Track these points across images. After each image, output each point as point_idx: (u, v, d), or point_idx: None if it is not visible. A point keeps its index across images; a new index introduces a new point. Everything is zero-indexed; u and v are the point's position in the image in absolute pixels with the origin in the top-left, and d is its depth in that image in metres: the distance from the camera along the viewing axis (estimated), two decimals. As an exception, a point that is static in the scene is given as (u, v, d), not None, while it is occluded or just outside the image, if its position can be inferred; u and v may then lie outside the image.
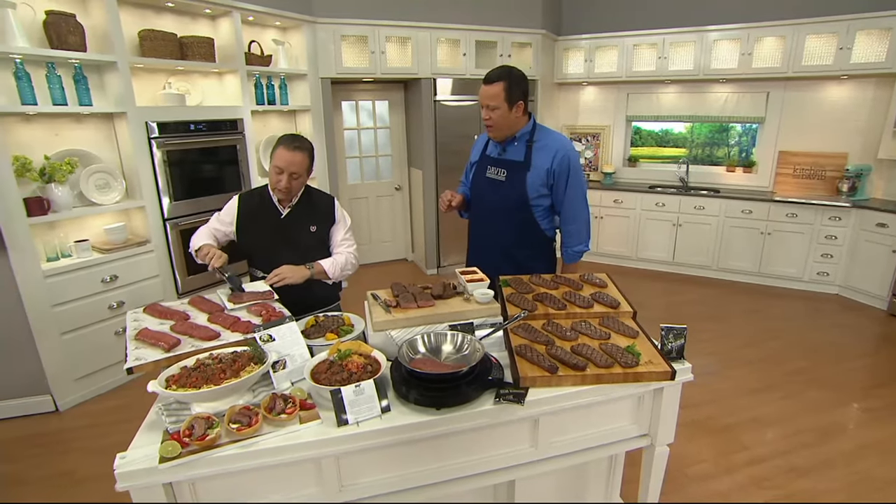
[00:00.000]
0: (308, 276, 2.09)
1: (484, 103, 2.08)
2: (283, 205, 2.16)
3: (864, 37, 4.34)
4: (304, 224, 2.19)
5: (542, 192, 2.20)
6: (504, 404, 1.43)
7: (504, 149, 2.23)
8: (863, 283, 4.51)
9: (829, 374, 3.39)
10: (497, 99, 2.05)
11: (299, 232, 2.18)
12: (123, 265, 3.18)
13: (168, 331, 1.68)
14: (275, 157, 2.04)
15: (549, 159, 2.16)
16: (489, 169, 2.26)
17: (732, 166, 5.45)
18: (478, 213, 2.34)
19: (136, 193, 3.29)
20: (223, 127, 3.71)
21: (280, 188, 2.07)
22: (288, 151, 2.02)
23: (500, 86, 2.05)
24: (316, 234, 2.21)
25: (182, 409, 1.39)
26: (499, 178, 2.22)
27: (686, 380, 1.66)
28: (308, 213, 2.20)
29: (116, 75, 3.05)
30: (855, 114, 4.73)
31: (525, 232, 2.26)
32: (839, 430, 2.81)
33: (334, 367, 1.48)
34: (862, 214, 4.45)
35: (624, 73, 5.34)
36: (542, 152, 2.17)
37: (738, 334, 3.98)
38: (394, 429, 1.35)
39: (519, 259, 2.28)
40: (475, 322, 1.77)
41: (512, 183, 2.19)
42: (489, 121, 2.12)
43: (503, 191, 2.21)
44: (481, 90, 2.09)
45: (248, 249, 2.23)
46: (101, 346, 3.11)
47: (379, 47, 4.51)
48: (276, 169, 2.04)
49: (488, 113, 2.09)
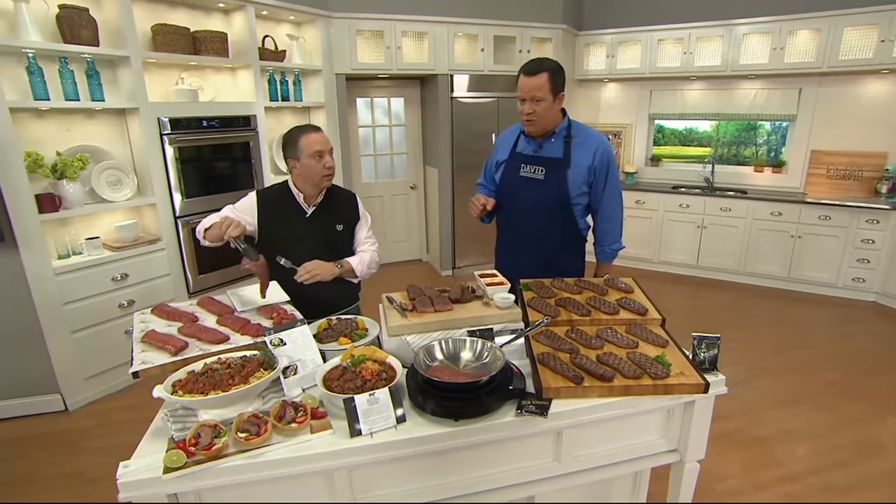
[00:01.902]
0: (337, 273, 2.01)
1: (527, 96, 1.97)
2: (309, 203, 2.06)
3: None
4: (331, 222, 2.10)
5: (583, 191, 2.10)
6: (526, 416, 1.36)
7: (540, 145, 2.11)
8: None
9: (866, 387, 3.20)
10: (542, 90, 1.94)
11: (326, 231, 2.09)
12: (134, 263, 3.14)
13: (176, 333, 1.65)
14: (307, 144, 1.94)
15: (589, 156, 2.06)
16: (523, 167, 2.13)
17: (761, 166, 5.24)
18: (511, 214, 2.21)
19: (148, 190, 3.25)
20: (236, 123, 3.65)
21: (328, 168, 1.98)
22: (317, 133, 1.96)
23: (544, 76, 1.94)
24: (342, 232, 2.13)
25: (189, 416, 1.35)
26: (536, 176, 2.10)
27: (719, 392, 1.59)
28: (333, 211, 2.11)
29: (129, 70, 3.01)
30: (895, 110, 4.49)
31: (565, 232, 2.16)
32: (878, 448, 2.64)
33: (347, 373, 1.42)
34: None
35: (647, 69, 5.16)
36: (582, 149, 2.07)
37: (766, 342, 3.80)
38: (409, 441, 1.29)
39: (557, 260, 2.18)
40: (495, 328, 1.69)
41: (552, 181, 2.08)
42: (532, 115, 1.99)
43: (542, 190, 2.10)
44: (523, 82, 1.97)
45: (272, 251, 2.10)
46: (111, 344, 3.08)
47: (395, 42, 4.43)
48: (315, 155, 1.94)
49: (532, 106, 1.97)
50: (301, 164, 1.97)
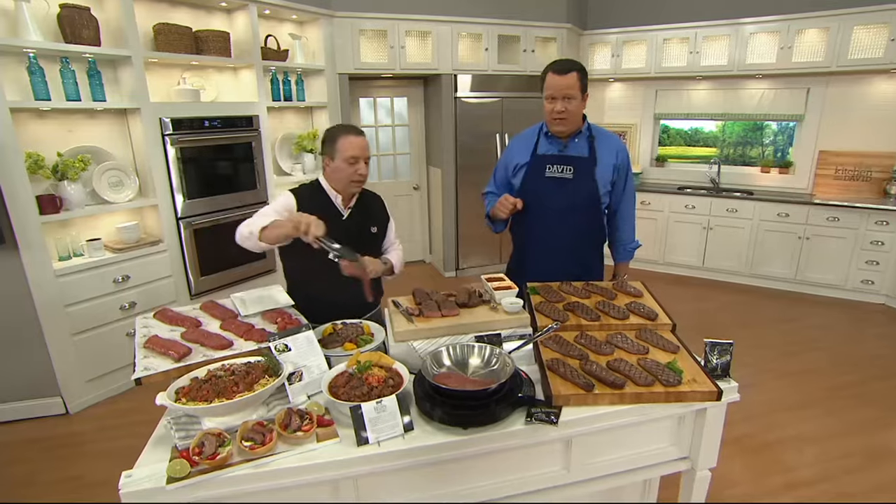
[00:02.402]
0: (383, 271, 1.98)
1: (559, 95, 1.97)
2: (345, 205, 2.00)
3: (918, 27, 4.05)
4: (366, 225, 2.05)
5: (608, 189, 2.13)
6: (536, 424, 1.34)
7: (565, 145, 2.12)
8: (912, 292, 4.23)
9: (876, 391, 3.15)
10: (574, 89, 1.96)
11: (362, 234, 2.04)
12: (136, 265, 3.11)
13: (179, 339, 1.62)
14: (343, 149, 1.85)
15: (612, 155, 2.10)
16: (549, 168, 2.11)
17: (767, 167, 5.19)
18: (539, 216, 2.15)
19: (150, 191, 3.22)
20: (238, 123, 3.62)
21: (361, 176, 1.90)
22: (357, 137, 1.88)
23: (574, 76, 1.96)
24: (376, 234, 2.08)
25: (192, 424, 1.32)
26: (565, 175, 2.09)
27: (732, 400, 1.57)
28: (367, 213, 2.07)
29: (130, 70, 2.99)
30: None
31: (592, 229, 2.18)
32: (891, 454, 2.59)
33: (353, 380, 1.40)
34: (912, 219, 4.17)
35: (653, 68, 5.12)
36: (604, 148, 2.10)
37: (774, 344, 3.75)
38: (417, 450, 1.27)
39: (588, 260, 2.19)
40: (503, 333, 1.65)
41: (581, 179, 2.09)
42: (564, 113, 1.99)
43: (572, 189, 2.09)
44: (553, 81, 1.97)
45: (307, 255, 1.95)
46: (113, 347, 3.05)
47: (398, 42, 4.39)
48: (349, 159, 1.85)
49: (564, 105, 1.98)
50: (334, 164, 1.91)
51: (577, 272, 2.10)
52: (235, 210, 3.65)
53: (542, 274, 2.10)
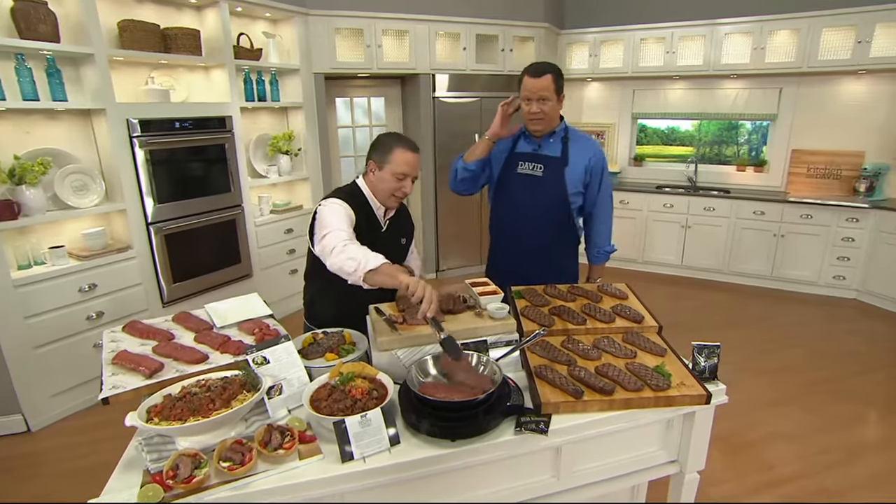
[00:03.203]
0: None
1: (534, 96, 2.03)
2: (385, 217, 1.92)
3: (884, 29, 4.16)
4: (399, 237, 2.00)
5: (579, 190, 2.15)
6: (526, 434, 1.30)
7: (539, 145, 2.18)
8: (883, 287, 4.34)
9: (852, 386, 3.21)
10: (548, 91, 2.02)
11: (395, 245, 1.98)
12: (103, 273, 2.97)
13: (150, 353, 1.54)
14: (395, 162, 1.77)
15: (585, 157, 2.14)
16: (521, 164, 2.17)
17: (742, 165, 5.28)
18: (508, 211, 2.24)
19: (117, 196, 3.08)
20: (210, 125, 3.50)
21: (405, 194, 1.84)
22: (412, 154, 1.79)
23: (549, 78, 2.01)
24: (406, 245, 2.05)
25: (166, 444, 1.25)
26: (535, 173, 2.15)
27: (720, 402, 1.56)
28: (400, 226, 2.01)
29: (94, 69, 2.84)
30: (873, 110, 4.56)
31: (561, 229, 2.21)
32: (868, 449, 2.64)
33: (336, 392, 1.34)
34: (881, 216, 4.27)
35: (630, 68, 5.15)
36: (578, 150, 2.15)
37: (753, 342, 3.80)
38: (405, 465, 1.23)
39: (554, 258, 2.23)
40: (489, 340, 1.60)
41: (550, 178, 2.14)
42: (539, 114, 2.05)
43: (540, 186, 2.15)
44: (529, 83, 2.03)
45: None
46: (79, 359, 2.90)
47: (375, 41, 4.32)
48: (398, 175, 1.77)
49: (539, 106, 2.04)
50: (380, 174, 1.81)
51: (546, 269, 2.17)
52: (208, 214, 3.52)
53: (512, 269, 2.19)
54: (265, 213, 4.09)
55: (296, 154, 4.28)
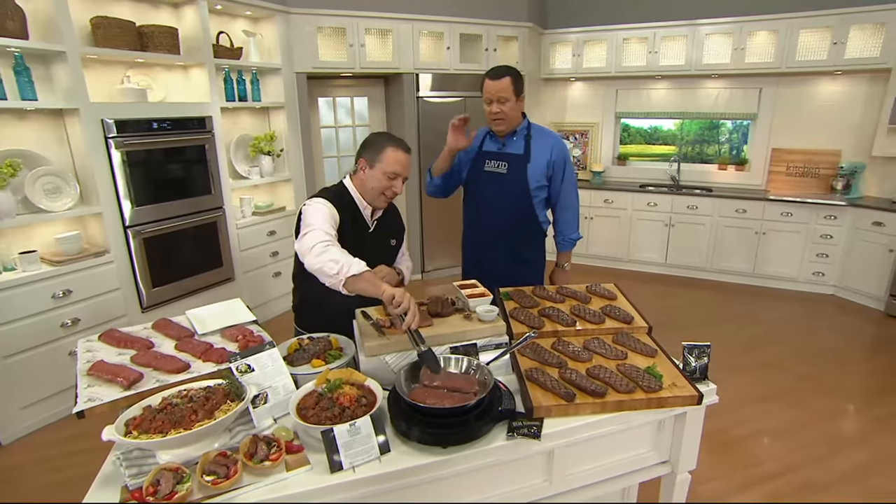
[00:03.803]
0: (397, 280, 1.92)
1: (494, 98, 2.14)
2: (373, 217, 1.90)
3: (858, 31, 4.25)
4: (387, 238, 1.98)
5: (542, 184, 2.27)
6: (518, 439, 1.29)
7: (504, 143, 2.29)
8: (859, 283, 4.44)
9: (833, 381, 3.27)
10: (507, 91, 2.12)
11: (383, 246, 1.96)
12: (78, 278, 2.87)
13: (128, 363, 1.48)
14: (386, 161, 1.75)
15: (547, 151, 2.25)
16: (487, 163, 2.30)
17: (724, 164, 5.34)
18: (477, 207, 2.37)
19: (93, 199, 2.98)
20: (190, 125, 3.41)
21: (395, 194, 1.82)
22: (403, 153, 1.78)
23: (507, 80, 2.12)
24: (395, 247, 2.02)
25: (146, 458, 1.20)
26: (499, 170, 2.27)
27: (711, 402, 1.56)
28: (389, 226, 1.99)
29: (65, 67, 2.74)
30: (848, 110, 4.66)
31: (526, 222, 2.31)
32: (850, 442, 2.68)
33: (323, 400, 1.30)
34: (857, 213, 4.37)
35: (613, 68, 5.18)
36: (540, 145, 2.26)
37: (737, 339, 3.85)
38: (395, 473, 1.20)
39: (521, 250, 2.34)
40: (478, 343, 1.57)
41: (513, 174, 2.25)
42: (500, 114, 2.16)
43: (504, 183, 2.26)
44: (489, 85, 2.13)
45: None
46: (53, 368, 2.80)
47: (358, 40, 4.27)
48: (389, 174, 1.76)
49: (499, 107, 2.14)
50: (371, 172, 1.79)
51: (509, 262, 2.30)
52: (188, 216, 3.43)
53: (482, 260, 2.35)
54: (247, 216, 4.01)
55: (278, 155, 4.21)
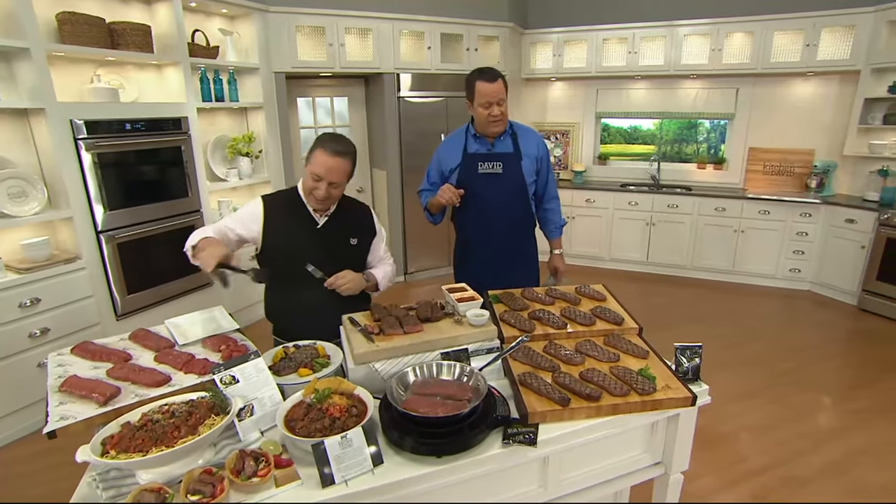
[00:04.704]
0: (364, 286, 1.89)
1: (493, 100, 2.16)
2: (320, 213, 1.86)
3: (829, 34, 4.36)
4: (344, 236, 1.92)
5: (533, 178, 2.33)
6: (514, 446, 1.26)
7: (492, 144, 2.30)
8: (833, 278, 4.55)
9: (813, 375, 3.33)
10: (503, 93, 2.17)
11: (339, 244, 1.90)
12: (47, 286, 2.74)
13: (104, 377, 1.40)
14: (313, 162, 1.73)
15: (533, 147, 2.32)
16: (481, 165, 2.29)
17: (703, 163, 5.43)
18: (476, 209, 2.33)
19: (62, 202, 2.86)
20: (165, 126, 3.30)
21: (317, 197, 1.76)
22: (329, 157, 1.71)
23: (501, 82, 2.16)
24: (356, 247, 1.96)
25: (124, 478, 1.14)
26: (495, 171, 2.28)
27: (704, 403, 1.55)
28: (347, 224, 1.93)
29: (29, 64, 2.62)
30: (821, 111, 4.77)
31: (524, 217, 2.37)
32: (830, 436, 2.74)
33: (312, 411, 1.25)
34: (831, 211, 4.48)
35: (594, 68, 5.20)
36: (526, 142, 2.32)
37: (719, 336, 3.90)
38: (389, 486, 1.17)
39: (523, 246, 2.40)
40: (470, 348, 1.54)
41: (509, 173, 2.28)
42: (500, 116, 2.19)
43: (502, 182, 2.28)
44: (487, 88, 2.15)
45: (276, 264, 1.87)
46: (22, 380, 2.67)
47: (338, 39, 4.20)
48: (313, 175, 1.73)
49: (498, 109, 2.17)
50: (306, 175, 1.78)
51: (513, 259, 2.36)
52: (165, 220, 3.32)
53: (484, 260, 2.34)
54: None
55: (256, 156, 4.11)
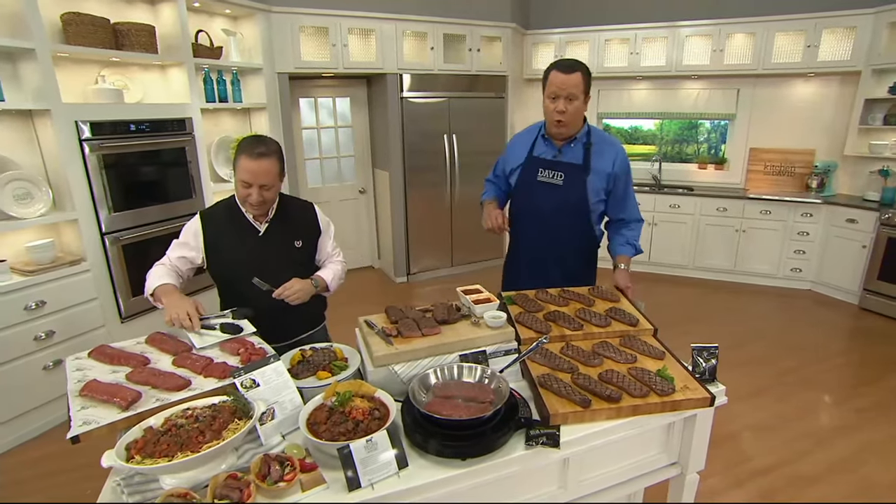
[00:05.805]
0: (314, 292, 1.82)
1: (562, 94, 1.90)
2: (259, 220, 1.81)
3: (830, 35, 4.39)
4: (288, 239, 1.86)
5: (601, 197, 2.06)
6: (538, 448, 1.26)
7: (560, 150, 2.06)
8: (835, 278, 4.57)
9: (816, 374, 3.35)
10: (577, 89, 1.89)
11: (284, 250, 1.85)
12: (52, 288, 2.72)
13: (124, 381, 1.38)
14: (238, 170, 1.67)
15: (609, 163, 2.02)
16: (541, 172, 2.07)
17: (704, 163, 5.45)
18: (529, 219, 2.15)
19: (67, 204, 2.84)
20: (169, 127, 3.29)
21: (252, 203, 1.71)
22: (253, 161, 1.64)
23: (578, 75, 1.89)
24: (303, 249, 1.89)
25: (148, 482, 1.13)
26: (554, 181, 2.05)
27: (721, 403, 1.56)
28: (290, 227, 1.87)
29: (35, 65, 2.60)
30: (821, 111, 4.80)
31: (581, 237, 2.13)
32: (836, 434, 2.75)
33: (335, 415, 1.25)
34: (832, 210, 4.50)
35: (595, 68, 5.20)
36: (602, 155, 2.03)
37: (723, 336, 3.90)
38: (415, 489, 1.17)
39: (572, 265, 2.15)
40: (488, 350, 1.54)
41: (571, 187, 2.03)
42: (564, 114, 1.92)
43: (560, 195, 2.04)
44: (558, 79, 1.89)
45: (223, 278, 1.87)
46: (28, 383, 2.65)
47: (340, 40, 4.19)
48: (242, 183, 1.68)
49: (565, 105, 1.91)
50: (237, 185, 1.74)
51: (560, 276, 2.08)
52: (169, 222, 3.30)
53: (529, 275, 2.13)
54: (229, 220, 3.89)
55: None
